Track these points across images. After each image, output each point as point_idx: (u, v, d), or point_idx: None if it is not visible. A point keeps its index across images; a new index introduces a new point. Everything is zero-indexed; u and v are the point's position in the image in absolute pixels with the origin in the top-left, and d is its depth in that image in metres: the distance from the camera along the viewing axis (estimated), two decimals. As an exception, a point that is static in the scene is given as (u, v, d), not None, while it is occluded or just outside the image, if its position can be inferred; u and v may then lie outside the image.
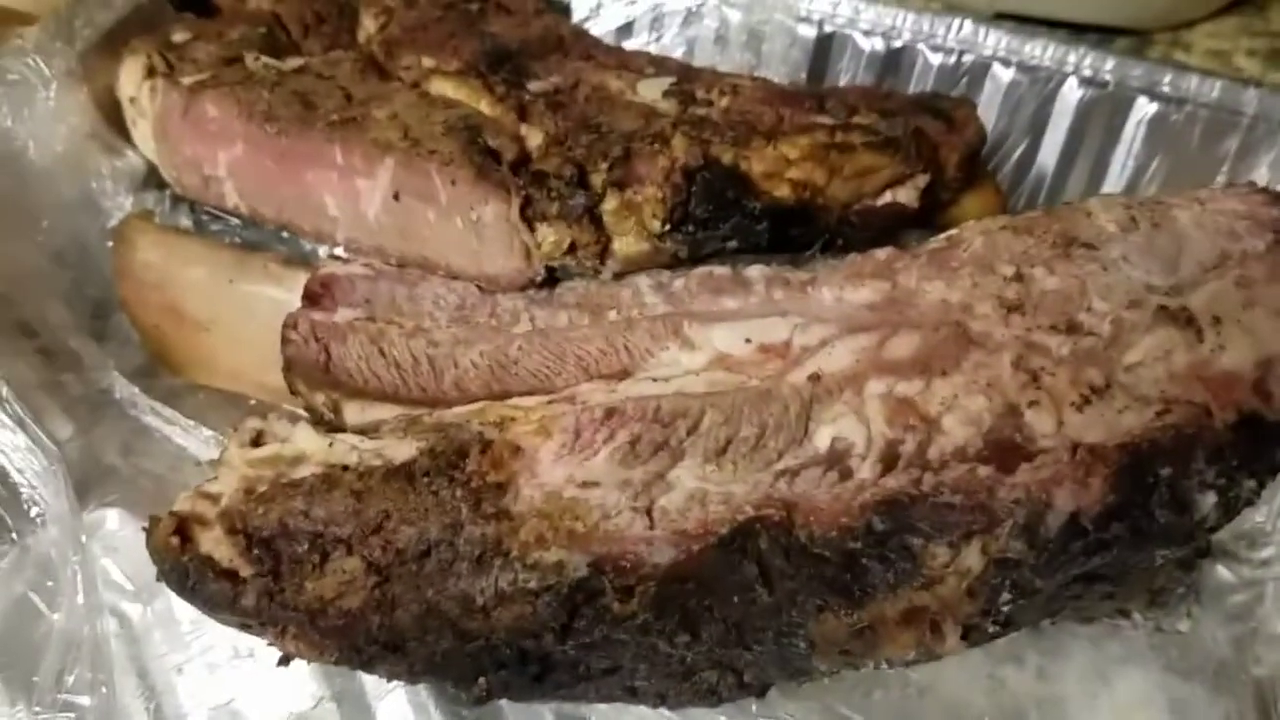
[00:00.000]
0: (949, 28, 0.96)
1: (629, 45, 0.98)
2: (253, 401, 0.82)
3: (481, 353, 0.69)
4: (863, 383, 0.62)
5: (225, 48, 0.83)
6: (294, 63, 0.83)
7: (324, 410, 0.69)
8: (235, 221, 0.87)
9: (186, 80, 0.79)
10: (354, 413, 0.69)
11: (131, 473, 0.78)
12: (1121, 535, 0.57)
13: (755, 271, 0.70)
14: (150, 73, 0.82)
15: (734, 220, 0.70)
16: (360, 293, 0.73)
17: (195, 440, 0.78)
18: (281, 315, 0.73)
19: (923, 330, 0.63)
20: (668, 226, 0.69)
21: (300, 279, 0.75)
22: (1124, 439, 0.58)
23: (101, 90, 0.86)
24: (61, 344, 0.82)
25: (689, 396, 0.63)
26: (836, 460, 0.60)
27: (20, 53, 0.82)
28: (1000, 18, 0.98)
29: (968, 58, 0.96)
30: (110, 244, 0.84)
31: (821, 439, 0.61)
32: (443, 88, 0.80)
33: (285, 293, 0.76)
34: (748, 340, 0.66)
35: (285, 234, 0.85)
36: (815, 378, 0.63)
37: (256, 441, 0.66)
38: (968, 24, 0.95)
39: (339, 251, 0.79)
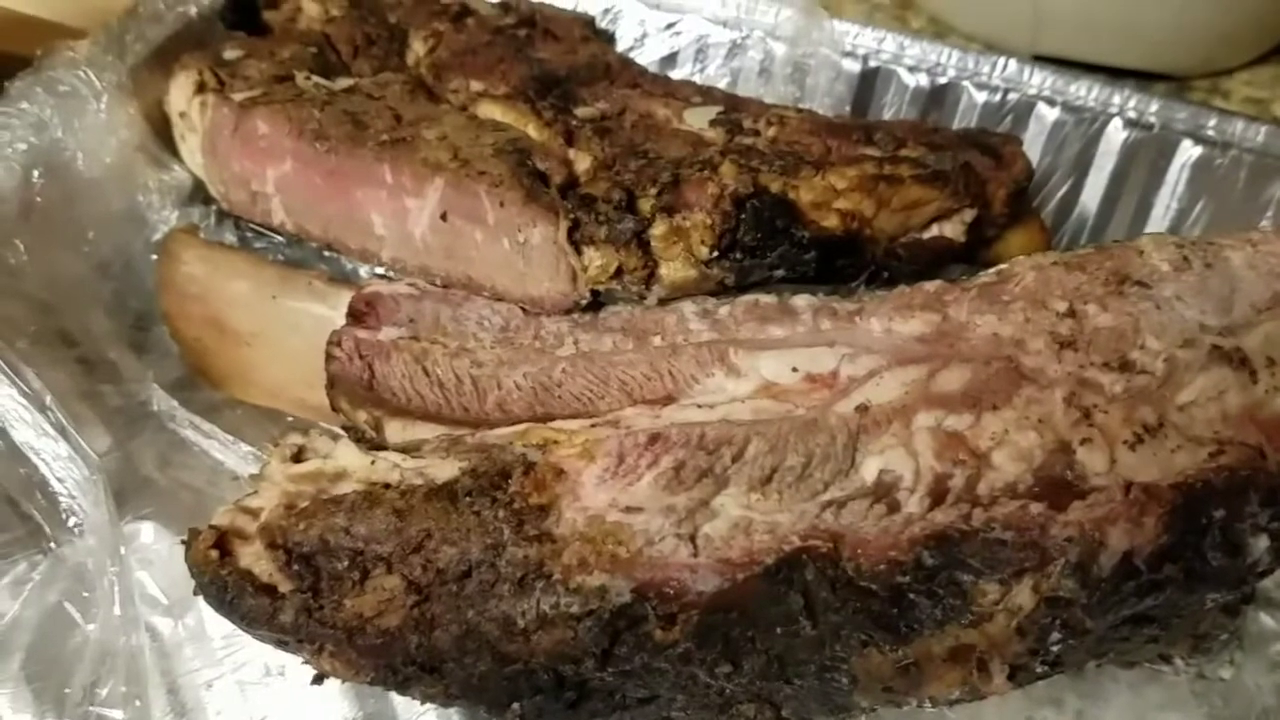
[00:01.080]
0: (994, 66, 0.96)
1: (674, 76, 0.98)
2: (290, 418, 0.82)
3: (525, 374, 0.69)
4: (911, 415, 0.61)
5: (276, 66, 0.83)
6: (344, 83, 0.83)
7: (365, 428, 0.69)
8: (279, 239, 0.87)
9: (237, 96, 0.80)
10: (396, 431, 0.68)
11: (168, 486, 0.78)
12: (1174, 577, 0.56)
13: (802, 301, 0.70)
14: (201, 88, 0.82)
15: (782, 249, 0.70)
16: (405, 312, 0.73)
17: (233, 455, 0.78)
18: (324, 332, 0.73)
19: (973, 364, 0.63)
20: (716, 253, 0.69)
21: (344, 297, 0.75)
22: (1177, 479, 0.57)
23: (151, 105, 0.87)
24: (101, 355, 0.82)
25: (734, 424, 0.63)
26: (884, 493, 0.59)
27: (72, 65, 0.82)
28: (1039, 60, 0.97)
29: (1012, 96, 0.95)
30: (154, 257, 0.84)
31: (869, 471, 0.60)
32: (491, 111, 0.80)
33: (329, 310, 0.76)
34: (794, 369, 0.65)
35: (328, 253, 0.85)
36: (863, 409, 0.62)
37: (298, 457, 0.66)
38: (1013, 63, 0.96)
39: (382, 271, 0.80)
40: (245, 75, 0.83)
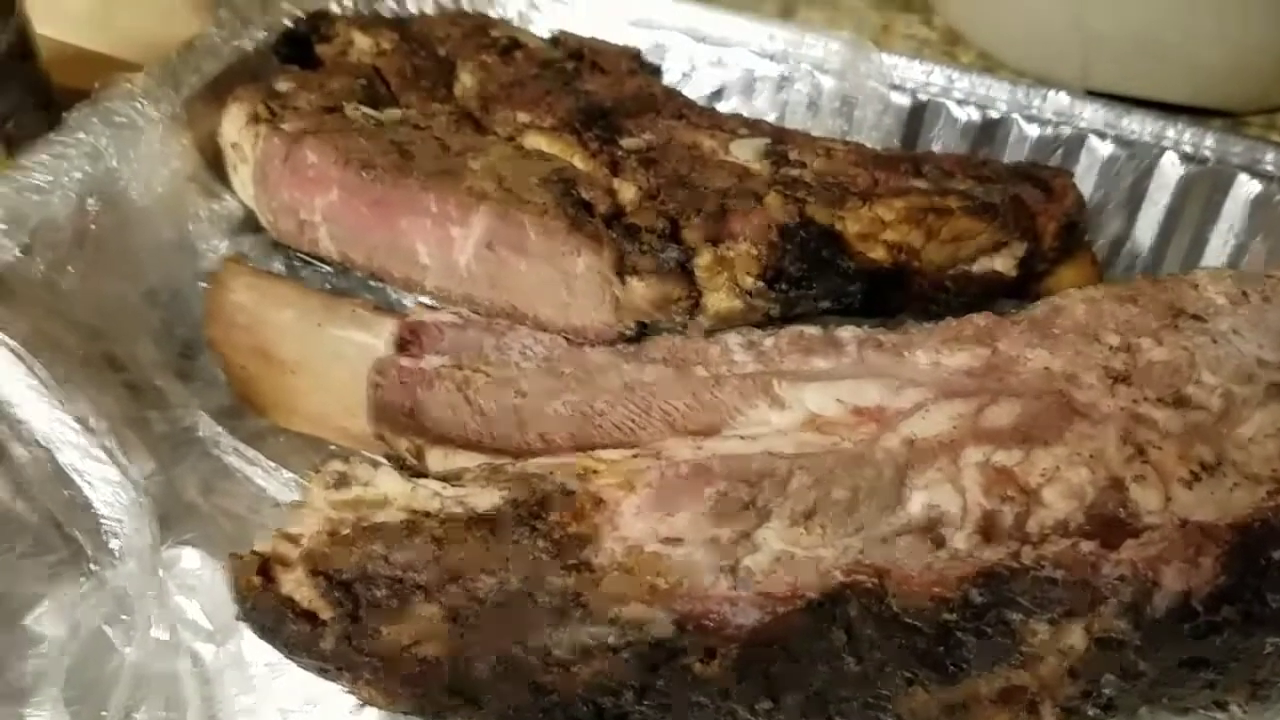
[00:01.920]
0: (1044, 99, 0.95)
1: (721, 109, 0.98)
2: (333, 446, 0.82)
3: (567, 404, 0.69)
4: (959, 450, 0.60)
5: (326, 97, 0.84)
6: (393, 114, 0.84)
7: (407, 456, 0.69)
8: (327, 268, 0.88)
9: (288, 127, 0.81)
10: (437, 459, 0.68)
11: (211, 512, 0.78)
12: (1232, 619, 0.54)
13: (847, 332, 0.69)
14: (254, 119, 0.83)
15: (828, 280, 0.69)
16: (448, 340, 0.74)
17: (276, 482, 0.78)
18: (368, 360, 0.73)
19: (1024, 398, 0.62)
20: (761, 284, 0.68)
21: (388, 325, 0.76)
22: (1235, 518, 0.55)
23: (204, 136, 0.88)
24: (148, 381, 0.82)
25: (777, 456, 0.62)
26: (930, 528, 0.58)
27: (128, 97, 0.84)
28: (1091, 96, 0.96)
29: (1064, 129, 0.94)
30: (202, 285, 0.85)
31: (915, 506, 0.59)
32: (537, 142, 0.81)
33: (372, 338, 0.76)
34: (839, 401, 0.65)
35: (374, 283, 0.85)
36: (909, 442, 0.61)
37: (339, 484, 0.65)
38: (1064, 96, 0.94)
39: (427, 300, 0.80)
40: (296, 106, 0.83)
